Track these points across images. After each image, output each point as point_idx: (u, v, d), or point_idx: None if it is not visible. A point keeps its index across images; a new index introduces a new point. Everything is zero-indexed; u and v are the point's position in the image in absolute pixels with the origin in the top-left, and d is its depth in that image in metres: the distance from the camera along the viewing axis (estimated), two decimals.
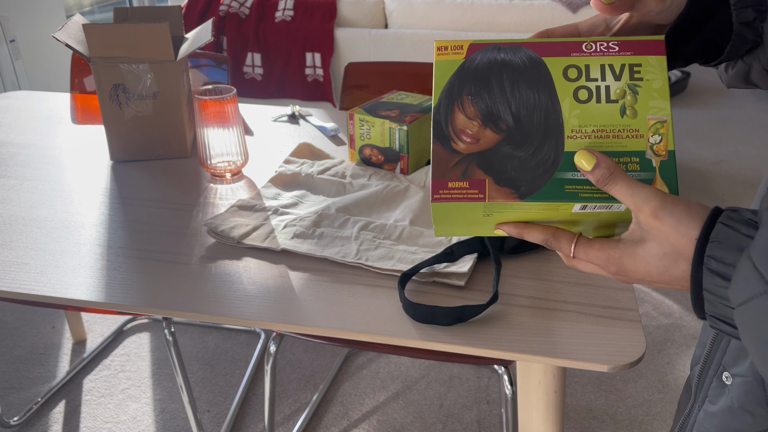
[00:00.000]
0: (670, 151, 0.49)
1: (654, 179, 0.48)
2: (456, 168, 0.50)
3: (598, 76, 0.50)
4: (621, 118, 0.49)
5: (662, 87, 0.50)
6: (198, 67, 1.74)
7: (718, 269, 0.42)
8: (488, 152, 0.50)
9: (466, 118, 0.51)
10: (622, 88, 0.50)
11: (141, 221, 0.99)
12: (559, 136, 0.50)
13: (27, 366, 1.78)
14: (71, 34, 1.17)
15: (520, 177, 0.49)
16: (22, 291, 0.81)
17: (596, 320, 0.74)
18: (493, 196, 0.49)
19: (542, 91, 0.51)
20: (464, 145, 0.51)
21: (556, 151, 0.50)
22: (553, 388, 0.80)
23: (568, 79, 0.51)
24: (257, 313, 0.76)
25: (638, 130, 0.49)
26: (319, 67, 2.65)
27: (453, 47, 0.52)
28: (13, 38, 2.55)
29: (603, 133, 0.49)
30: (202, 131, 1.08)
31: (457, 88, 0.52)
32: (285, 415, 1.60)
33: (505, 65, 0.51)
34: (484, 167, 0.50)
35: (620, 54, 0.50)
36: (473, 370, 1.74)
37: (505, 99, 0.51)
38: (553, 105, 0.50)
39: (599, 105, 0.50)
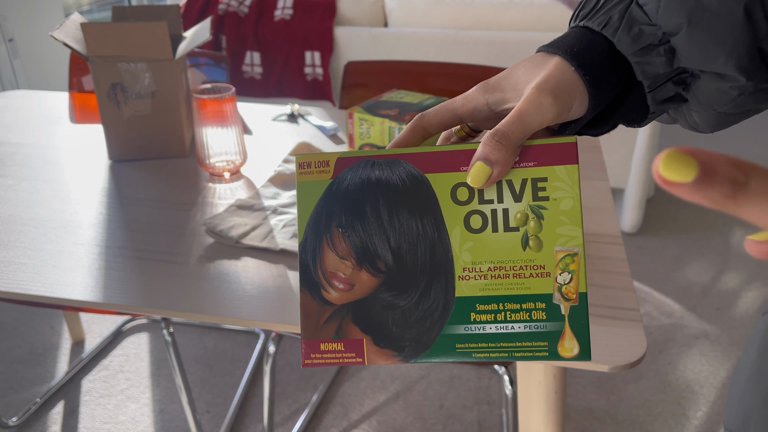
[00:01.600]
0: (581, 294, 0.40)
1: (563, 331, 0.40)
2: (329, 325, 0.42)
3: (494, 197, 0.41)
4: (523, 251, 0.40)
5: (573, 207, 0.40)
6: (197, 66, 1.73)
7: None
8: (365, 302, 0.42)
9: (337, 257, 0.42)
10: (523, 212, 0.40)
11: (139, 221, 0.98)
12: (449, 277, 0.41)
13: (25, 366, 1.77)
14: (69, 33, 1.17)
15: (402, 335, 0.41)
16: (20, 291, 0.81)
17: (597, 320, 0.73)
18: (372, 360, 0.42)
19: (426, 218, 0.41)
20: (337, 293, 0.42)
21: (446, 297, 0.41)
22: (553, 388, 0.79)
23: (457, 202, 0.41)
24: (256, 313, 0.76)
25: (544, 266, 0.40)
26: (319, 66, 2.64)
27: (317, 164, 0.43)
28: (12, 37, 2.55)
29: (501, 272, 0.41)
30: (200, 130, 1.07)
31: (326, 219, 0.42)
32: (284, 415, 1.60)
33: (381, 186, 0.42)
34: (361, 323, 0.42)
35: (521, 165, 0.40)
36: (473, 370, 1.74)
37: (382, 230, 0.42)
38: (440, 236, 0.41)
39: (496, 235, 0.41)
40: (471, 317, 0.41)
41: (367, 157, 0.42)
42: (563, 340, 0.40)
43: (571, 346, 0.40)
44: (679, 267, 2.20)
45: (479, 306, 0.41)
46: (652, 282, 2.11)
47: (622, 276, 0.82)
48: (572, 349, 0.40)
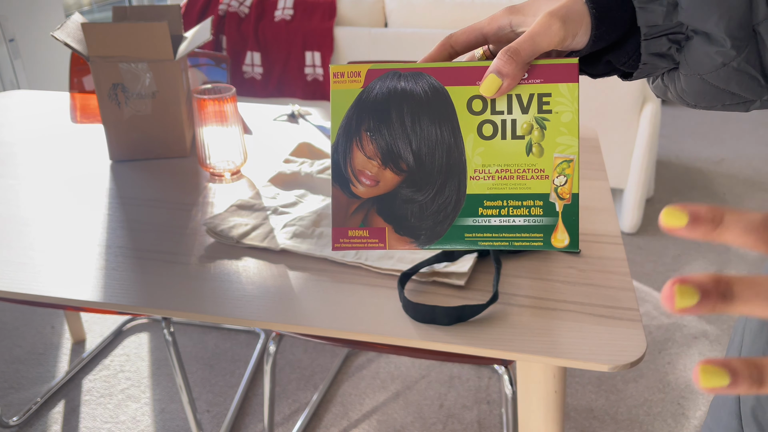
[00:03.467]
0: (573, 195, 0.46)
1: (556, 225, 0.47)
2: (356, 214, 0.48)
3: (504, 109, 0.46)
4: (527, 156, 0.46)
5: (572, 121, 0.46)
6: (197, 66, 1.73)
7: None
8: (388, 197, 0.48)
9: (365, 157, 0.48)
10: (529, 123, 0.46)
11: (140, 221, 0.98)
12: (462, 177, 0.47)
13: (26, 366, 1.78)
14: (70, 33, 1.17)
15: (419, 225, 0.48)
16: (20, 291, 0.81)
17: (597, 320, 0.74)
18: (393, 245, 0.48)
19: (444, 125, 0.47)
20: (363, 188, 0.48)
21: (458, 194, 0.47)
22: (553, 387, 0.80)
23: (472, 112, 0.47)
24: (256, 313, 0.76)
25: (543, 170, 0.46)
26: (319, 66, 2.65)
27: (350, 74, 0.48)
28: (13, 37, 2.55)
29: (507, 174, 0.47)
30: (201, 131, 1.08)
31: (355, 124, 0.48)
32: (285, 415, 1.60)
33: (406, 96, 0.47)
34: (384, 214, 0.48)
35: (529, 82, 0.46)
36: (473, 370, 1.74)
37: (405, 135, 0.47)
38: (455, 142, 0.47)
39: (504, 142, 0.47)
40: (479, 211, 0.48)
41: (394, 69, 0.47)
42: (556, 233, 0.47)
43: (563, 238, 0.47)
44: (679, 267, 2.20)
45: (486, 202, 0.47)
46: (652, 282, 2.11)
47: (622, 276, 0.82)
48: (563, 241, 0.47)
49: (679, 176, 2.89)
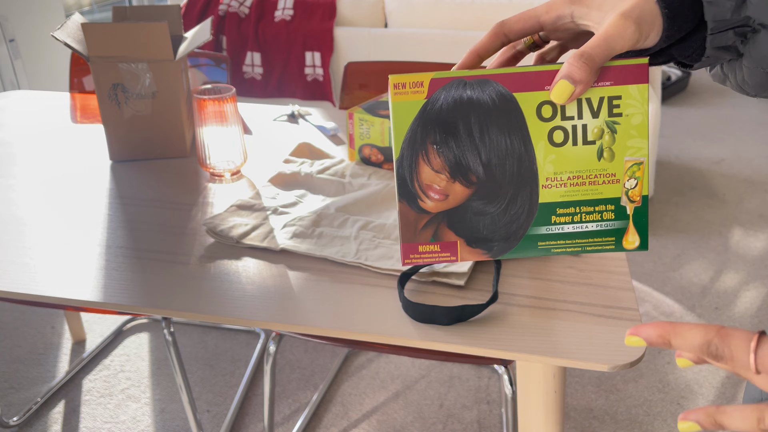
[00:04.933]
0: (644, 197, 0.47)
1: (627, 228, 0.47)
2: (426, 230, 0.47)
3: (575, 114, 0.46)
4: (598, 161, 0.46)
5: (642, 123, 0.46)
6: (197, 66, 1.74)
7: None
8: (458, 210, 0.47)
9: (432, 171, 0.46)
10: (600, 127, 0.46)
11: (140, 221, 0.99)
12: (534, 186, 0.46)
13: (26, 366, 1.78)
14: (70, 34, 1.17)
15: (492, 236, 0.47)
16: (21, 291, 0.81)
17: (596, 320, 0.74)
18: (465, 258, 0.48)
19: (514, 134, 0.46)
20: (432, 203, 0.47)
21: (530, 204, 0.47)
22: (553, 387, 0.80)
23: (542, 118, 0.46)
24: (256, 312, 0.76)
25: (615, 174, 0.46)
26: (319, 67, 2.65)
27: (412, 84, 0.46)
28: (13, 38, 2.55)
29: (579, 180, 0.46)
30: (201, 131, 1.08)
31: (420, 137, 0.46)
32: (285, 415, 1.60)
33: (473, 105, 0.45)
34: (455, 228, 0.47)
35: (599, 84, 0.45)
36: (473, 370, 1.74)
37: (474, 147, 0.46)
38: (526, 150, 0.46)
39: (575, 148, 0.46)
40: (552, 219, 0.47)
41: (459, 77, 0.45)
42: (627, 235, 0.47)
43: (633, 240, 0.47)
44: (678, 267, 2.20)
45: (559, 210, 0.47)
46: (652, 282, 2.12)
47: (622, 276, 0.82)
48: (634, 242, 0.47)
49: (679, 176, 2.89)
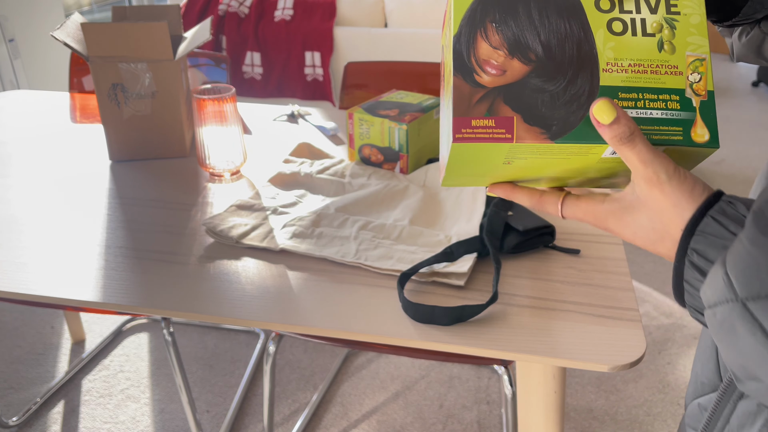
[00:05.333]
0: (709, 92, 0.46)
1: (694, 120, 0.46)
2: (480, 104, 0.46)
3: (633, 9, 0.47)
4: (659, 52, 0.46)
5: (700, 23, 0.46)
6: (197, 66, 1.73)
7: (699, 264, 0.41)
8: (516, 85, 0.46)
9: (490, 47, 0.46)
10: (658, 22, 0.46)
11: (140, 221, 0.98)
12: (594, 69, 0.46)
13: (26, 366, 1.78)
14: (70, 33, 1.17)
15: (551, 114, 0.45)
16: (21, 291, 0.81)
17: (596, 320, 0.74)
18: (521, 137, 0.45)
19: (573, 20, 0.46)
20: (489, 77, 0.46)
21: (591, 85, 0.46)
22: (553, 388, 0.80)
23: (600, 9, 0.47)
24: (256, 313, 0.76)
25: (677, 66, 0.46)
26: (319, 67, 2.65)
27: None
28: (12, 37, 2.55)
29: (640, 68, 0.46)
30: (200, 131, 1.08)
31: (480, 15, 0.47)
32: (284, 415, 1.60)
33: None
34: (511, 103, 0.46)
35: None
36: (473, 370, 1.74)
37: (533, 27, 0.46)
38: (585, 35, 0.46)
39: (635, 38, 0.46)
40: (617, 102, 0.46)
41: None
42: (695, 128, 0.45)
43: (702, 133, 0.46)
44: None
45: (621, 94, 0.46)
46: (652, 282, 2.11)
47: (622, 276, 0.82)
48: (703, 136, 0.46)
49: None
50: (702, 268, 0.41)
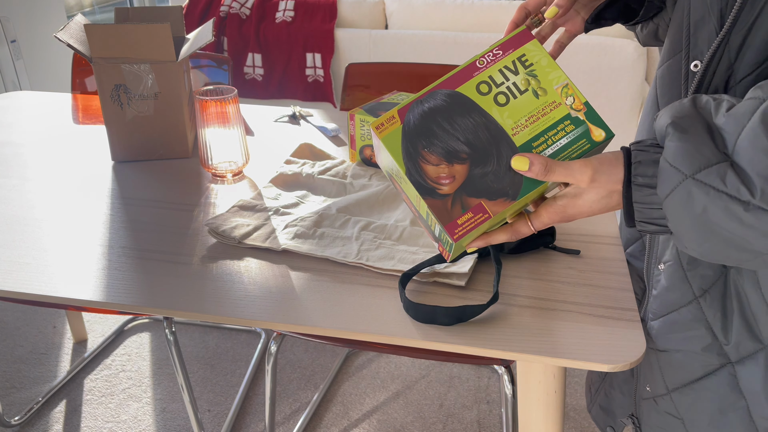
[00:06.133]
0: (585, 102, 0.60)
1: (588, 128, 0.59)
2: (454, 208, 0.59)
3: (503, 80, 0.61)
4: (537, 99, 0.60)
5: (549, 62, 0.61)
6: (199, 67, 1.74)
7: (644, 181, 0.55)
8: (468, 181, 0.59)
9: (434, 166, 0.60)
10: (524, 78, 0.61)
11: (142, 221, 0.99)
12: (507, 139, 0.59)
13: (28, 366, 1.78)
14: (73, 35, 1.18)
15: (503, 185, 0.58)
16: (23, 291, 0.82)
17: (596, 320, 0.74)
18: (495, 211, 0.58)
19: (473, 113, 0.60)
20: (447, 187, 0.59)
21: (512, 151, 0.59)
22: (553, 388, 0.80)
23: (482, 94, 0.60)
24: (258, 313, 0.77)
25: (554, 101, 0.60)
26: (320, 68, 2.65)
27: (387, 120, 0.60)
28: (14, 39, 2.55)
29: (533, 118, 0.60)
30: (203, 132, 1.08)
31: (413, 149, 0.60)
32: (285, 414, 1.60)
33: (435, 111, 0.60)
34: (473, 194, 0.59)
35: (505, 55, 0.61)
36: (473, 370, 1.75)
37: (450, 135, 0.60)
38: (487, 119, 0.60)
39: (517, 100, 0.60)
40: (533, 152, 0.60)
41: (414, 100, 0.61)
42: (592, 133, 0.59)
43: (599, 133, 0.59)
44: None
45: (534, 144, 0.59)
46: None
47: (621, 276, 0.82)
48: (601, 134, 0.60)
49: None
50: (647, 183, 0.55)
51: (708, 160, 0.50)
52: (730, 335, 0.65)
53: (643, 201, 0.55)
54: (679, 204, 0.51)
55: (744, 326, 0.63)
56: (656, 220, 0.56)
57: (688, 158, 0.51)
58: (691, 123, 0.52)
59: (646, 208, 0.55)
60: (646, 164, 0.54)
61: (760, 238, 0.49)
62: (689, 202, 0.51)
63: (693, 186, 0.50)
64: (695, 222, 0.51)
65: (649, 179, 0.54)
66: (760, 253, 0.50)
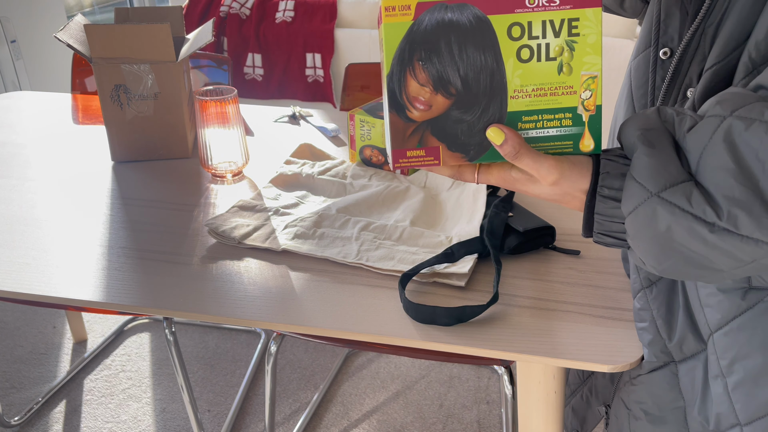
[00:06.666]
0: (597, 106, 0.54)
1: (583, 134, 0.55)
2: (412, 137, 0.53)
3: (540, 34, 0.53)
4: (558, 75, 0.54)
5: (596, 42, 0.53)
6: (199, 67, 1.74)
7: (609, 194, 0.53)
8: (440, 118, 0.53)
9: (418, 84, 0.53)
10: (560, 45, 0.53)
11: (142, 221, 0.99)
12: (503, 97, 0.53)
13: (28, 366, 1.78)
14: (73, 35, 1.18)
15: (469, 141, 0.53)
16: (23, 291, 0.82)
17: (596, 320, 0.74)
18: (446, 162, 0.54)
19: (488, 52, 0.53)
20: (418, 112, 0.53)
21: (500, 113, 0.54)
22: (553, 388, 0.80)
23: (512, 38, 0.53)
24: (258, 313, 0.77)
25: (572, 86, 0.54)
26: (320, 68, 2.65)
27: (401, 7, 0.52)
28: (14, 39, 2.56)
29: (541, 92, 0.54)
30: (203, 132, 1.08)
31: (408, 54, 0.52)
32: (285, 414, 1.60)
33: (453, 26, 0.52)
34: (437, 134, 0.53)
35: (560, 8, 0.52)
36: (473, 370, 1.75)
37: (453, 63, 0.53)
38: (497, 66, 0.53)
39: (539, 64, 0.53)
40: (518, 126, 0.55)
41: (441, 1, 0.52)
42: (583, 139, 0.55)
43: (589, 143, 0.55)
44: None
45: (524, 117, 0.54)
46: None
47: (621, 277, 0.82)
48: (589, 146, 0.55)
49: None
50: (612, 196, 0.53)
51: (674, 178, 0.49)
52: (673, 333, 0.64)
53: (605, 213, 0.54)
54: (642, 221, 0.50)
55: (688, 324, 0.63)
56: (616, 233, 0.54)
57: (654, 175, 0.49)
58: (658, 137, 0.51)
59: (607, 220, 0.54)
60: (613, 176, 0.53)
61: (723, 258, 0.49)
62: (653, 219, 0.50)
63: (658, 204, 0.49)
64: (658, 240, 0.50)
65: (615, 192, 0.53)
66: (720, 270, 0.50)
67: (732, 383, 0.58)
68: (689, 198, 0.48)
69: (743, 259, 0.48)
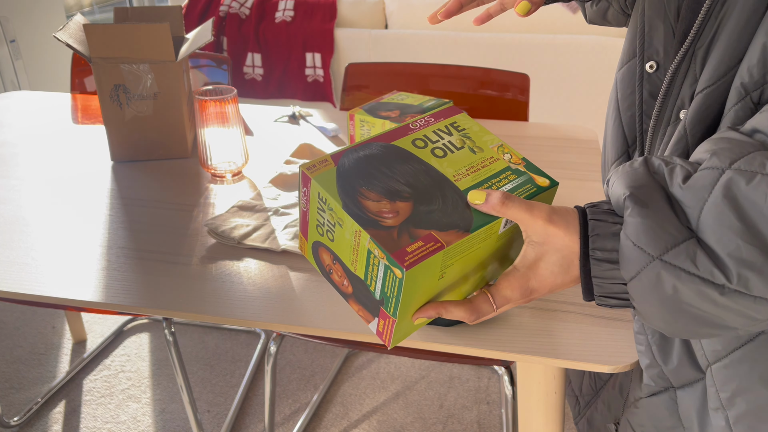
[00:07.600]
0: (522, 158, 0.60)
1: (531, 177, 0.59)
2: (402, 237, 0.53)
3: (438, 138, 0.60)
4: (475, 155, 0.60)
5: (480, 128, 0.62)
6: (198, 67, 1.74)
7: (602, 256, 0.50)
8: (413, 216, 0.54)
9: (374, 202, 0.54)
10: (459, 138, 0.61)
11: (141, 221, 0.99)
12: (450, 183, 0.57)
13: (27, 366, 1.78)
14: (72, 34, 1.18)
15: (452, 220, 0.54)
16: (22, 291, 0.81)
17: (597, 321, 0.74)
18: (448, 240, 0.53)
19: (410, 161, 0.58)
20: (391, 220, 0.54)
21: (458, 193, 0.56)
22: (553, 388, 0.80)
23: (419, 147, 0.59)
24: (258, 313, 0.76)
25: (492, 156, 0.60)
26: (320, 68, 2.65)
27: (319, 162, 0.57)
28: (14, 38, 2.55)
29: (473, 169, 0.58)
30: (202, 132, 1.08)
31: (350, 187, 0.55)
32: (285, 415, 1.60)
33: (371, 157, 0.57)
34: (421, 226, 0.54)
35: (437, 121, 0.62)
36: (473, 370, 1.75)
37: (390, 177, 0.56)
38: (426, 167, 0.58)
39: (455, 154, 0.59)
40: None
41: (349, 148, 0.58)
42: (536, 181, 0.58)
43: (543, 182, 0.59)
44: None
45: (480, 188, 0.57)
46: None
47: None
48: (545, 181, 0.59)
49: None
50: (606, 258, 0.51)
51: (674, 238, 0.46)
52: (669, 360, 0.63)
53: (603, 276, 0.51)
54: (647, 286, 0.48)
55: (685, 353, 0.61)
56: (617, 294, 0.52)
57: (653, 237, 0.47)
58: (649, 194, 0.48)
59: (606, 282, 0.51)
60: (604, 237, 0.50)
61: (736, 318, 0.46)
62: (658, 284, 0.47)
63: (662, 268, 0.46)
64: (664, 303, 0.48)
65: (608, 254, 0.50)
66: (735, 328, 0.48)
67: (733, 416, 0.57)
68: (694, 260, 0.45)
69: (757, 317, 0.46)
